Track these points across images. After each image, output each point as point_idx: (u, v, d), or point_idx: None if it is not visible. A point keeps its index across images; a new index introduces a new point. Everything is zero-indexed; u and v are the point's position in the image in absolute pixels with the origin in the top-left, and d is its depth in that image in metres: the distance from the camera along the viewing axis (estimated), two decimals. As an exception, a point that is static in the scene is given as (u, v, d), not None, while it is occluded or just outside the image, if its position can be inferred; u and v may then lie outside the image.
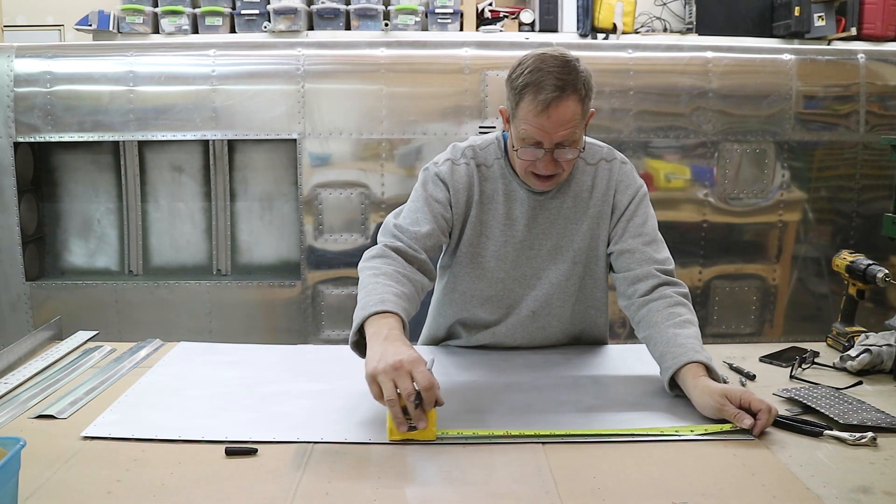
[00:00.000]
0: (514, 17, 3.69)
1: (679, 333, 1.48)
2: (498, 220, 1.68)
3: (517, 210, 1.67)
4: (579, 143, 1.55)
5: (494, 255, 1.69)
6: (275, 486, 1.13)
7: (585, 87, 1.51)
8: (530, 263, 1.70)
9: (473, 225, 1.68)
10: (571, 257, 1.69)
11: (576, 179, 1.68)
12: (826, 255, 3.51)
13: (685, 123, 3.44)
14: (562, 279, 1.70)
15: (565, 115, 1.48)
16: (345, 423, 1.34)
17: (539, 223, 1.68)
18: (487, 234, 1.69)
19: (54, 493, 1.10)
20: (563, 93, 1.47)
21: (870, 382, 1.55)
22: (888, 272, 1.73)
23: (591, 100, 1.54)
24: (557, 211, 1.68)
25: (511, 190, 1.67)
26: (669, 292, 1.58)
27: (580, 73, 1.50)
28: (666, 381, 1.44)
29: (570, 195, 1.68)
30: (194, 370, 1.63)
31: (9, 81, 3.33)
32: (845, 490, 1.10)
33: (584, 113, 1.52)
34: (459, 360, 1.70)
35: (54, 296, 3.46)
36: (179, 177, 3.65)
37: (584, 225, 1.68)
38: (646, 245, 1.66)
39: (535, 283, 1.71)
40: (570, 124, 1.50)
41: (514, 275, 1.71)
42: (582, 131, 1.55)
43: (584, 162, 1.69)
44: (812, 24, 3.54)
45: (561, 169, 1.56)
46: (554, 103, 1.47)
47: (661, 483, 1.13)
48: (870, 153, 3.49)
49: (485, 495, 1.11)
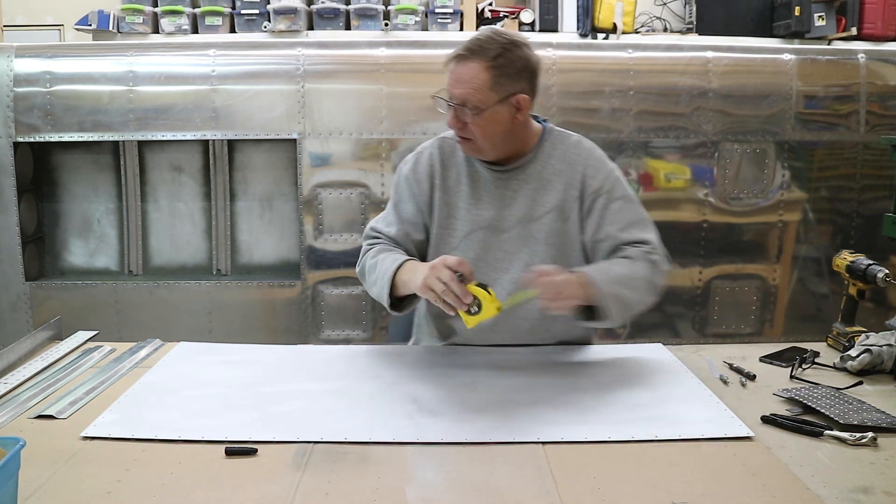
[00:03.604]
0: (514, 17, 3.69)
1: (600, 262, 1.65)
2: (464, 202, 1.74)
3: (481, 190, 1.74)
4: (481, 109, 1.60)
5: (464, 235, 1.74)
6: (275, 486, 1.13)
7: (504, 59, 1.60)
8: (501, 246, 1.73)
9: (440, 208, 1.75)
10: (543, 238, 1.71)
11: (540, 160, 1.74)
12: (826, 255, 3.50)
13: (685, 123, 3.44)
14: (535, 261, 1.69)
15: (465, 75, 1.60)
16: (345, 423, 1.34)
17: (505, 203, 1.73)
18: (455, 216, 1.75)
19: (54, 493, 1.10)
20: (471, 54, 1.60)
21: (870, 382, 1.55)
22: (888, 272, 1.73)
23: (519, 80, 1.62)
24: (521, 189, 1.73)
25: (475, 171, 1.75)
26: (630, 251, 1.66)
27: (503, 48, 1.60)
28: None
29: (533, 175, 1.73)
30: (194, 370, 1.63)
31: (8, 81, 3.33)
32: (845, 490, 1.10)
33: (492, 83, 1.59)
34: (459, 360, 1.70)
35: (54, 296, 3.46)
36: (179, 177, 3.64)
37: (551, 205, 1.72)
38: (621, 231, 1.69)
39: (507, 267, 1.73)
40: (469, 85, 1.59)
41: (486, 258, 1.73)
42: (488, 100, 1.60)
43: (551, 144, 1.75)
44: (812, 23, 3.54)
45: (470, 133, 1.64)
46: (459, 60, 1.61)
47: (661, 483, 1.13)
48: (870, 153, 3.49)
49: (485, 495, 1.11)
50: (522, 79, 1.64)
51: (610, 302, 1.54)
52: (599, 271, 1.59)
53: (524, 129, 1.72)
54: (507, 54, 1.61)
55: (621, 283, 1.58)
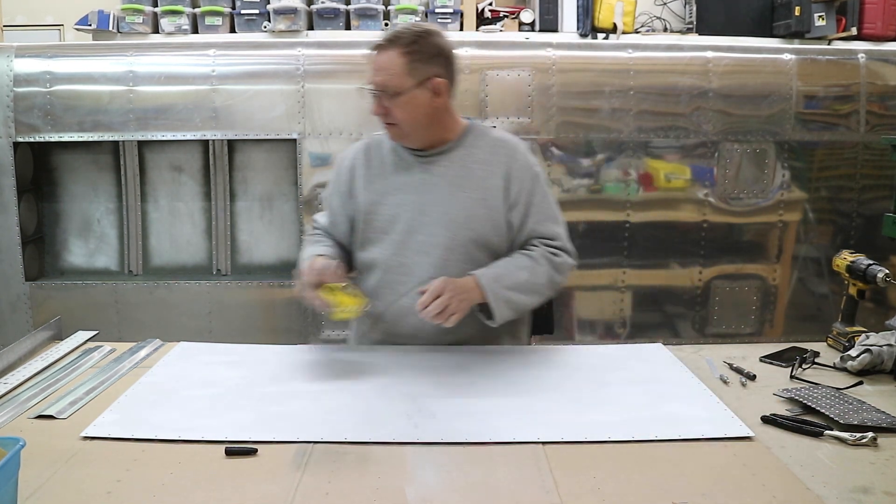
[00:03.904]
0: (514, 17, 3.69)
1: (497, 263, 1.75)
2: (389, 187, 1.82)
3: (406, 175, 1.82)
4: (399, 92, 1.70)
5: (388, 220, 1.81)
6: (275, 486, 1.13)
7: (418, 46, 1.70)
8: (424, 230, 1.78)
9: (364, 196, 1.83)
10: (463, 223, 1.77)
11: (464, 147, 1.81)
12: (826, 255, 3.50)
13: (685, 123, 3.44)
14: (455, 244, 1.76)
15: (382, 63, 1.71)
16: (345, 423, 1.34)
17: (429, 188, 1.79)
18: (381, 202, 1.82)
19: (54, 493, 1.10)
20: (387, 43, 1.71)
21: (870, 382, 1.55)
22: (888, 272, 1.73)
23: (435, 65, 1.72)
24: (444, 175, 1.80)
25: (400, 159, 1.83)
26: (537, 251, 1.78)
27: (417, 35, 1.71)
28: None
29: (457, 161, 1.80)
30: (194, 370, 1.63)
31: (8, 81, 3.33)
32: (845, 490, 1.10)
33: (408, 68, 1.70)
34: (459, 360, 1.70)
35: (54, 296, 3.46)
36: (179, 177, 3.64)
37: (474, 193, 1.78)
38: (538, 224, 1.81)
39: (429, 251, 1.78)
40: (386, 71, 1.70)
41: (410, 241, 1.79)
42: (406, 84, 1.70)
43: (476, 135, 1.83)
44: (812, 23, 3.53)
45: (394, 118, 1.73)
46: (378, 48, 1.73)
47: (661, 483, 1.13)
48: (870, 153, 3.49)
49: (485, 495, 1.11)
50: (437, 63, 1.73)
51: (497, 306, 1.69)
52: (495, 278, 1.70)
53: (447, 115, 1.81)
54: (420, 41, 1.72)
55: (515, 289, 1.72)
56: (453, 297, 1.62)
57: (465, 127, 1.85)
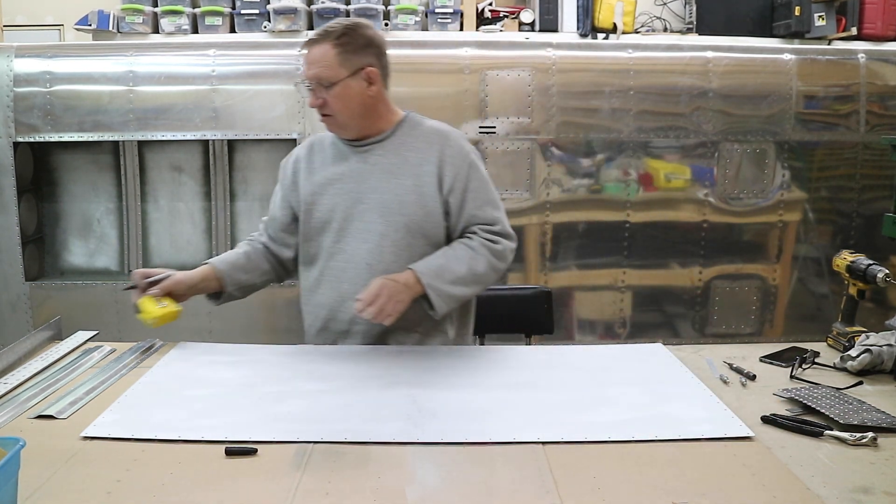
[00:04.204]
0: (514, 17, 3.69)
1: (436, 254, 1.79)
2: (328, 178, 1.87)
3: (344, 166, 1.87)
4: (332, 83, 1.76)
5: (328, 210, 1.86)
6: (275, 486, 1.13)
7: (348, 38, 1.77)
8: (362, 217, 1.83)
9: (306, 186, 1.90)
10: (397, 210, 1.81)
11: (398, 137, 1.87)
12: (826, 255, 3.50)
13: (685, 123, 3.44)
14: (389, 230, 1.81)
15: (315, 56, 1.77)
16: (345, 423, 1.34)
17: (365, 177, 1.85)
18: (320, 192, 1.87)
19: (54, 493, 1.10)
20: (319, 38, 1.78)
21: (870, 382, 1.55)
22: (888, 272, 1.73)
23: (365, 55, 1.78)
24: (379, 163, 1.85)
25: (340, 150, 1.89)
26: (476, 240, 1.80)
27: (346, 28, 1.78)
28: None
29: (391, 150, 1.85)
30: (194, 370, 1.63)
31: (8, 81, 3.33)
32: (845, 490, 1.10)
33: (339, 59, 1.76)
34: (459, 360, 1.70)
35: (54, 296, 3.46)
36: (179, 177, 3.64)
37: (407, 180, 1.83)
38: (477, 209, 1.84)
39: (367, 237, 1.82)
40: (319, 64, 1.76)
41: (349, 229, 1.84)
42: (338, 75, 1.76)
43: (411, 125, 1.88)
44: (812, 23, 3.54)
45: (329, 109, 1.79)
46: (310, 44, 1.79)
47: (661, 483, 1.13)
48: (870, 153, 3.49)
49: (485, 495, 1.11)
50: (368, 54, 1.80)
51: (438, 300, 1.73)
52: (435, 273, 1.74)
53: (382, 105, 1.86)
54: (350, 33, 1.78)
55: (456, 282, 1.76)
56: (390, 300, 1.67)
57: (401, 117, 1.90)
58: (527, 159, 3.41)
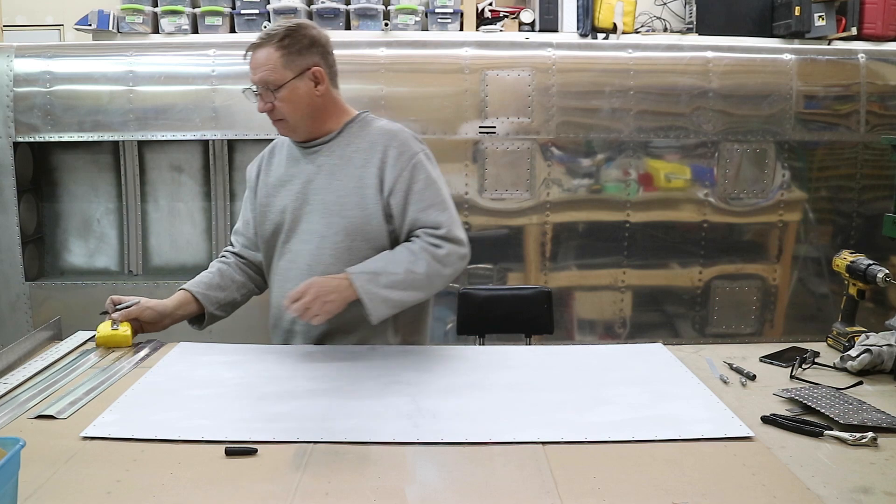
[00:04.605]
0: (514, 17, 3.69)
1: (374, 258, 1.76)
2: (281, 180, 1.89)
3: (295, 168, 1.88)
4: (279, 85, 1.75)
5: (279, 211, 1.87)
6: (275, 486, 1.13)
7: (290, 40, 1.75)
8: (307, 219, 1.83)
9: (262, 188, 1.92)
10: (337, 211, 1.80)
11: (344, 137, 1.85)
12: (826, 255, 3.50)
13: (685, 123, 3.44)
14: (330, 232, 1.80)
15: (259, 60, 1.76)
16: (345, 423, 1.34)
17: (312, 179, 1.84)
18: (274, 194, 1.89)
19: (54, 493, 1.10)
20: (262, 42, 1.76)
21: (870, 382, 1.55)
22: (888, 272, 1.73)
23: (309, 55, 1.77)
24: (324, 164, 1.84)
25: (292, 152, 1.90)
26: (417, 243, 1.76)
27: (289, 30, 1.76)
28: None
29: (336, 151, 1.84)
30: (194, 370, 1.63)
31: (8, 81, 3.33)
32: (845, 490, 1.10)
33: (284, 61, 1.75)
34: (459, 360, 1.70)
35: (54, 296, 3.46)
36: (179, 177, 3.64)
37: (349, 182, 1.81)
38: (420, 212, 1.79)
39: (309, 238, 1.82)
40: (264, 67, 1.75)
41: (296, 230, 1.84)
42: (284, 77, 1.75)
43: (360, 125, 1.87)
44: (812, 23, 3.54)
45: (279, 113, 1.78)
46: (254, 48, 1.78)
47: (661, 483, 1.13)
48: (870, 153, 3.49)
49: (485, 495, 1.11)
50: (313, 53, 1.79)
51: (372, 305, 1.70)
52: (369, 277, 1.71)
53: (331, 105, 1.85)
54: (293, 34, 1.77)
55: (393, 286, 1.71)
56: (317, 299, 1.66)
57: (352, 117, 1.88)
58: (527, 159, 3.41)
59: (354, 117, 1.88)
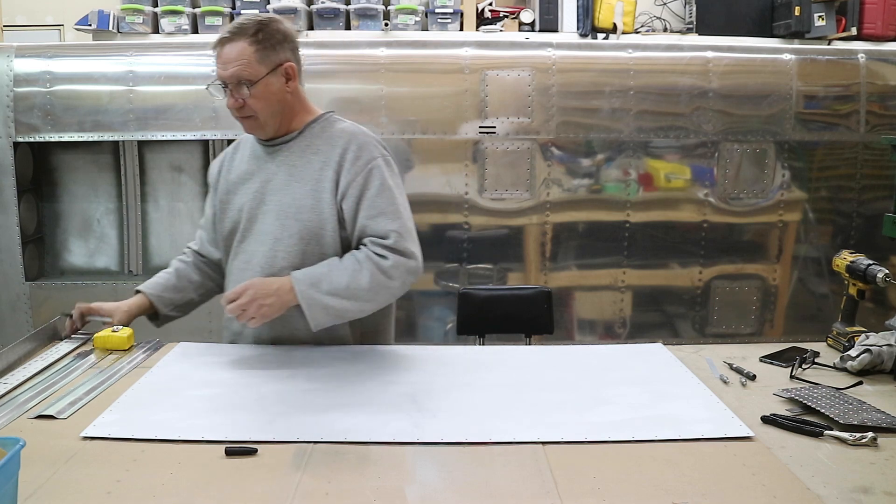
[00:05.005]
0: (514, 17, 3.69)
1: (320, 264, 1.71)
2: (240, 179, 1.85)
3: (255, 166, 1.84)
4: (253, 81, 1.71)
5: (238, 208, 1.84)
6: (275, 485, 1.13)
7: (264, 34, 1.72)
8: (263, 219, 1.79)
9: (223, 185, 1.88)
10: (293, 214, 1.76)
11: (305, 137, 1.81)
12: (826, 255, 3.50)
13: (685, 123, 3.44)
14: (284, 234, 1.76)
15: (232, 54, 1.71)
16: (345, 423, 1.34)
17: (270, 178, 1.81)
18: (233, 191, 1.86)
19: (54, 493, 1.10)
20: (233, 35, 1.72)
21: (870, 382, 1.55)
22: (888, 272, 1.73)
23: (281, 51, 1.74)
24: (283, 164, 1.80)
25: (255, 150, 1.86)
26: (363, 252, 1.70)
27: (261, 24, 1.73)
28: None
29: (296, 151, 1.80)
30: (194, 370, 1.63)
31: (8, 81, 3.33)
32: (845, 490, 1.10)
33: (258, 56, 1.71)
34: (459, 360, 1.70)
35: (54, 296, 3.46)
36: (179, 177, 3.64)
37: (306, 184, 1.77)
38: (369, 219, 1.74)
39: (264, 239, 1.79)
40: (238, 62, 1.70)
41: (252, 229, 1.81)
42: (259, 72, 1.71)
43: (322, 126, 1.82)
44: (812, 23, 3.54)
45: (250, 110, 1.73)
46: (223, 43, 1.72)
47: (661, 483, 1.13)
48: (870, 153, 3.49)
49: (485, 495, 1.11)
50: (285, 49, 1.76)
51: (311, 312, 1.66)
52: (311, 282, 1.67)
53: (298, 103, 1.82)
54: (265, 29, 1.73)
55: (335, 294, 1.66)
56: (254, 301, 1.63)
57: (315, 117, 1.84)
58: (527, 159, 3.41)
59: (318, 117, 1.84)
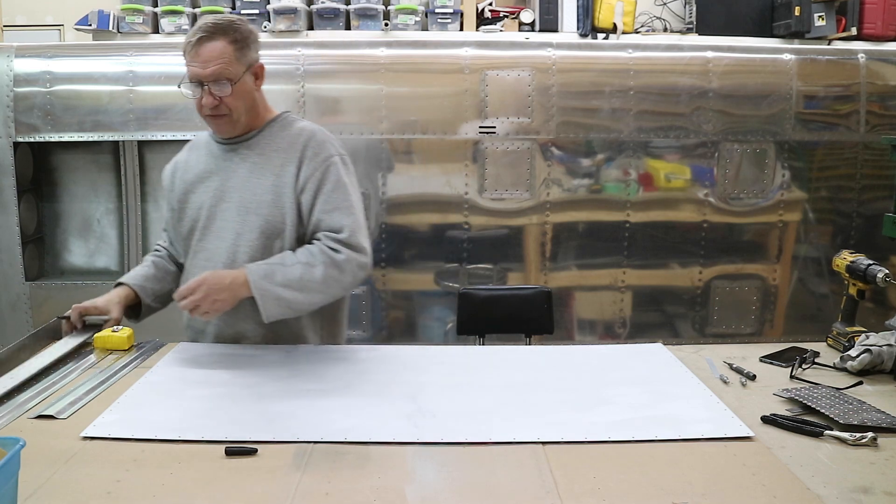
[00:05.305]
0: (514, 17, 3.69)
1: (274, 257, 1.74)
2: (198, 177, 1.87)
3: (213, 164, 1.86)
4: (234, 80, 1.74)
5: (197, 206, 1.86)
6: (275, 486, 1.13)
7: (240, 34, 1.75)
8: (223, 216, 1.82)
9: (179, 185, 1.90)
10: (254, 210, 1.79)
11: (265, 136, 1.85)
12: (826, 255, 3.50)
13: (685, 123, 3.44)
14: (245, 230, 1.78)
15: (213, 53, 1.72)
16: (345, 423, 1.34)
17: (229, 175, 1.83)
18: (191, 190, 1.88)
19: (54, 493, 1.10)
20: (211, 34, 1.72)
21: (870, 382, 1.55)
22: (888, 272, 1.73)
23: (252, 50, 1.78)
24: (242, 162, 1.83)
25: (211, 149, 1.89)
26: (316, 247, 1.73)
27: (234, 24, 1.76)
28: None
29: (256, 149, 1.83)
30: (194, 370, 1.63)
31: (8, 81, 3.33)
32: (845, 490, 1.10)
33: (237, 55, 1.74)
34: (459, 360, 1.70)
35: (54, 296, 3.46)
36: (179, 177, 3.64)
37: (267, 180, 1.80)
38: (323, 213, 1.78)
39: (225, 236, 1.81)
40: (219, 60, 1.72)
41: (211, 227, 1.83)
42: (238, 71, 1.75)
43: (281, 125, 1.86)
44: (812, 23, 3.54)
45: (226, 108, 1.76)
46: (201, 42, 1.72)
47: (661, 483, 1.13)
48: (870, 153, 3.49)
49: (485, 495, 1.11)
50: (255, 48, 1.80)
51: (264, 303, 1.68)
52: (265, 274, 1.69)
53: (261, 102, 1.86)
54: (239, 28, 1.77)
55: (288, 286, 1.69)
56: (207, 296, 1.65)
57: (274, 116, 1.88)
58: (527, 159, 3.41)
59: (276, 116, 1.88)
